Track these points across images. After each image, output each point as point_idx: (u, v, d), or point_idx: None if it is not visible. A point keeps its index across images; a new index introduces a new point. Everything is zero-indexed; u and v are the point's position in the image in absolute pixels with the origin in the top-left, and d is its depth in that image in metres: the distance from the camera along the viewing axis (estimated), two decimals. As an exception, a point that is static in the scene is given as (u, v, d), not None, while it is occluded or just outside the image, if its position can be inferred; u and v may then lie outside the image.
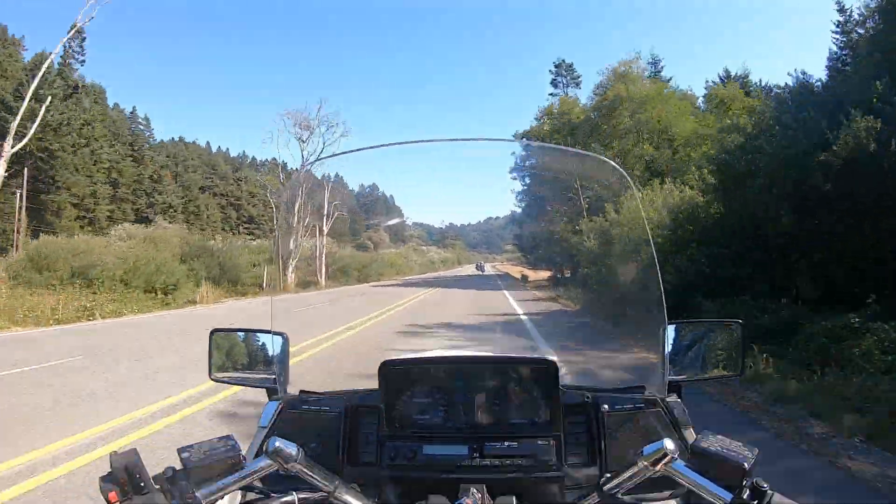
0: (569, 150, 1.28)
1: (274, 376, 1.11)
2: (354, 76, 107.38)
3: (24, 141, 17.49)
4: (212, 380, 1.17)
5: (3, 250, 21.66)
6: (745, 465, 0.62)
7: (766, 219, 8.03)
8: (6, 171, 17.00)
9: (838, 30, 16.45)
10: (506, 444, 0.90)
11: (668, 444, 0.65)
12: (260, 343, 1.19)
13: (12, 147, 16.66)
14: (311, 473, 0.70)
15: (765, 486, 0.61)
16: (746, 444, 0.65)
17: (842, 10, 16.42)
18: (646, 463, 0.66)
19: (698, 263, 9.02)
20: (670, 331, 1.09)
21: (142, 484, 0.61)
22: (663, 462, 0.65)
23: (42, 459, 3.57)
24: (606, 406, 1.01)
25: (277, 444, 0.67)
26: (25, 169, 24.42)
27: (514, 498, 0.75)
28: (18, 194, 24.11)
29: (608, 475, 0.73)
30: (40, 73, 18.14)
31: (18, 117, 16.94)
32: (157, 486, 0.62)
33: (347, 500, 0.72)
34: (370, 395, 1.05)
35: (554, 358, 0.94)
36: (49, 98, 20.08)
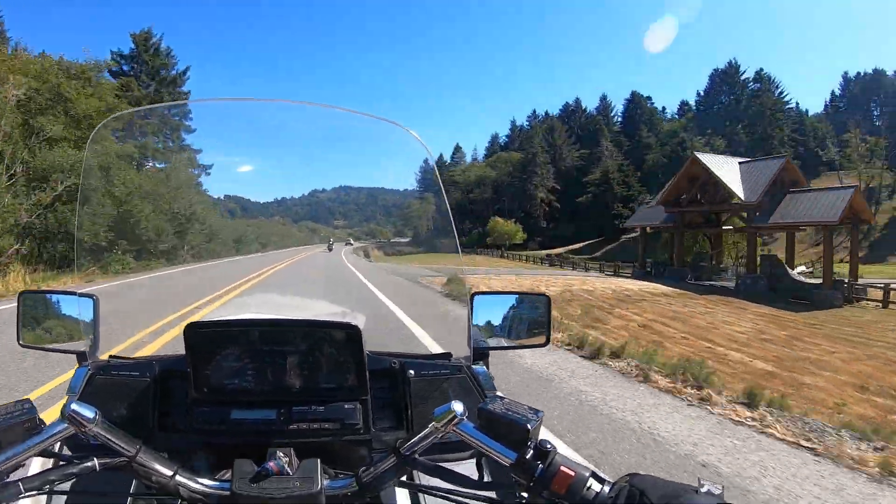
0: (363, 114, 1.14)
1: (84, 341, 1.06)
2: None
3: None
4: (20, 345, 1.12)
5: None
6: (529, 426, 0.65)
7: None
8: None
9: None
10: (313, 407, 0.90)
11: (457, 406, 0.68)
12: (71, 306, 1.12)
13: None
14: (110, 437, 0.67)
15: (549, 446, 0.64)
16: (531, 408, 0.69)
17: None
18: (437, 424, 0.68)
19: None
20: (477, 301, 1.14)
21: None
22: (453, 423, 0.67)
23: None
24: (412, 372, 1.04)
25: (74, 406, 0.64)
26: None
27: (318, 460, 0.75)
28: None
29: (404, 437, 0.75)
30: None
31: None
32: None
33: (150, 464, 0.69)
34: (182, 360, 0.99)
35: (357, 323, 0.95)
36: None
